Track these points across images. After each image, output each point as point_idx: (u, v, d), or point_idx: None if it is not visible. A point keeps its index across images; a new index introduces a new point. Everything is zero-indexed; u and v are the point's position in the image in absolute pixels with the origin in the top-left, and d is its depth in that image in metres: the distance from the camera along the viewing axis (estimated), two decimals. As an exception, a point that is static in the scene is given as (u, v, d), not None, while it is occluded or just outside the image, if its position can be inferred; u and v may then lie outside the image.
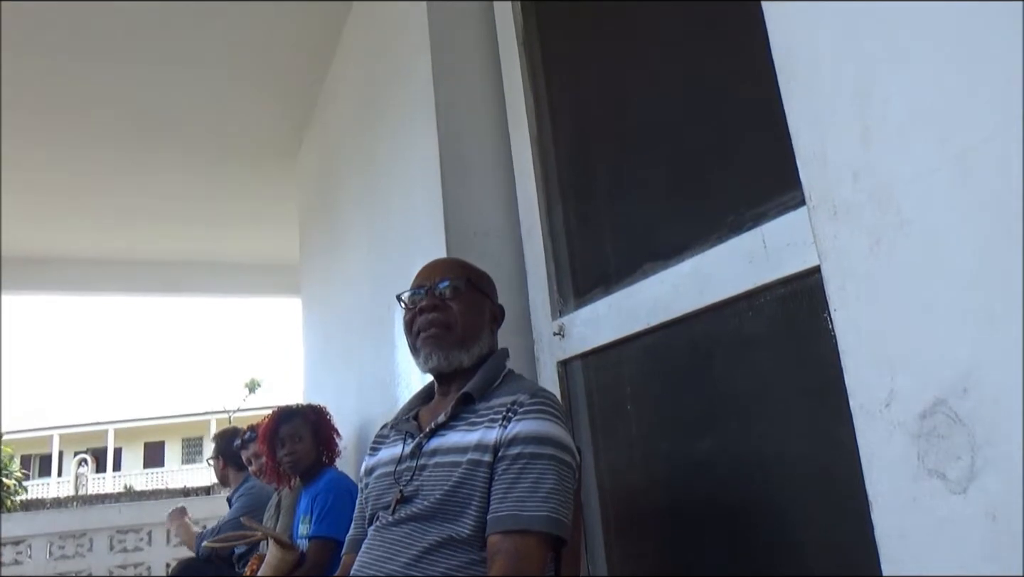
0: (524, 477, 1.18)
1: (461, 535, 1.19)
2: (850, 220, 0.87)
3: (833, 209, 0.89)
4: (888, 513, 0.80)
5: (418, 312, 1.39)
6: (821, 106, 0.91)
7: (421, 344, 1.38)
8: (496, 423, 1.24)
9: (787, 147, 1.00)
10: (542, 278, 1.92)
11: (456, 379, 1.38)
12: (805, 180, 0.94)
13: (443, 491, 1.22)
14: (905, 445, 0.78)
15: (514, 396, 1.28)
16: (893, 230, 0.82)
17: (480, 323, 1.42)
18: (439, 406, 1.39)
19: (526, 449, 1.19)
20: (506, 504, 1.17)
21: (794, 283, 1.16)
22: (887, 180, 0.83)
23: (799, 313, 1.18)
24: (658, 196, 1.59)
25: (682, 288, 1.41)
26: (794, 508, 1.22)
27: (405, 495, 1.27)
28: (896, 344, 0.81)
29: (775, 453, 1.26)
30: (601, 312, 1.68)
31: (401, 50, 2.40)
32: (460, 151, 2.07)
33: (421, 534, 1.22)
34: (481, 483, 1.21)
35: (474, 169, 2.07)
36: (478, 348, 1.39)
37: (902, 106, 0.81)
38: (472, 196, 2.05)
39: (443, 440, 1.30)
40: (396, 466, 1.33)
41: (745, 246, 1.25)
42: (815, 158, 0.93)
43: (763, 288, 1.22)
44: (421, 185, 2.15)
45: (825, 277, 0.90)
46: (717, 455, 1.38)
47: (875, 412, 0.82)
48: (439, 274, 1.43)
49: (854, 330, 0.85)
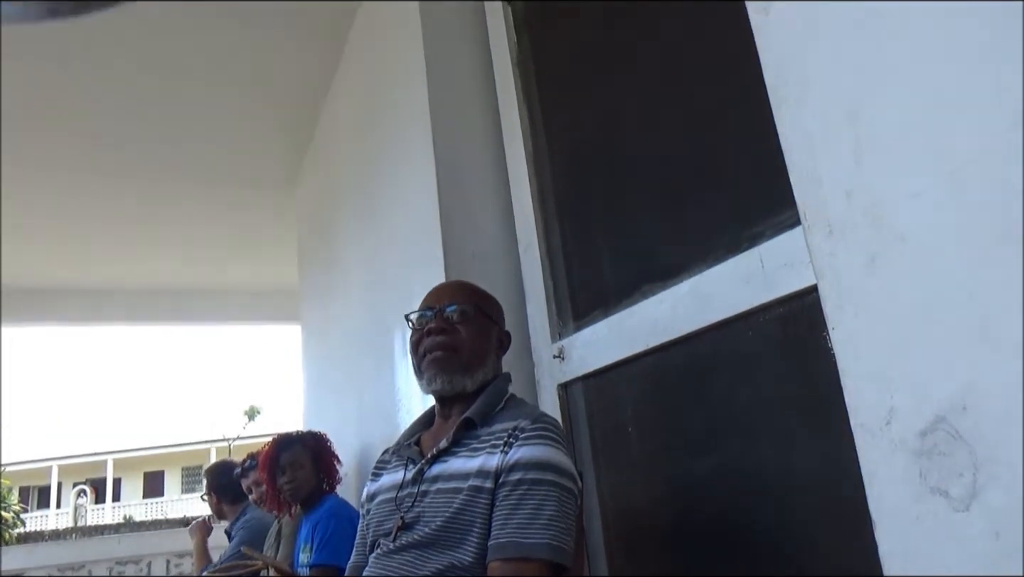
0: (525, 504, 1.17)
1: (463, 562, 1.18)
2: (845, 238, 0.87)
3: (828, 228, 0.89)
4: (891, 532, 0.80)
5: (425, 334, 1.39)
6: (813, 125, 0.92)
7: (426, 366, 1.38)
8: (497, 449, 1.24)
9: (783, 166, 1.01)
10: (541, 301, 1.93)
11: (458, 403, 1.38)
12: (799, 199, 0.94)
13: (444, 518, 1.22)
14: (907, 463, 0.78)
15: (516, 421, 1.27)
16: (888, 248, 0.82)
17: (486, 348, 1.42)
18: (440, 431, 1.39)
19: (527, 475, 1.19)
20: (507, 531, 1.16)
21: (792, 302, 1.17)
22: (881, 198, 0.84)
23: (798, 332, 1.18)
24: (655, 217, 1.60)
25: (681, 308, 1.41)
26: (797, 528, 1.21)
27: (406, 522, 1.26)
28: (895, 362, 0.81)
29: (776, 472, 1.25)
30: (601, 334, 1.68)
31: (397, 77, 2.43)
32: (457, 175, 2.08)
33: (422, 562, 1.21)
34: (482, 509, 1.20)
35: (471, 193, 2.08)
36: (482, 373, 1.39)
37: (894, 123, 0.82)
38: (470, 219, 2.06)
39: (445, 466, 1.29)
40: (398, 492, 1.33)
41: (743, 266, 1.25)
42: (808, 177, 0.93)
43: (761, 308, 1.22)
44: (419, 209, 2.16)
45: (822, 296, 0.90)
46: (719, 475, 1.37)
47: (876, 430, 0.81)
48: (448, 297, 1.43)
49: (852, 348, 0.85)
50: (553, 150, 2.00)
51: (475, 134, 2.15)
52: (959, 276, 0.75)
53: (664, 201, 1.57)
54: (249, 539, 3.12)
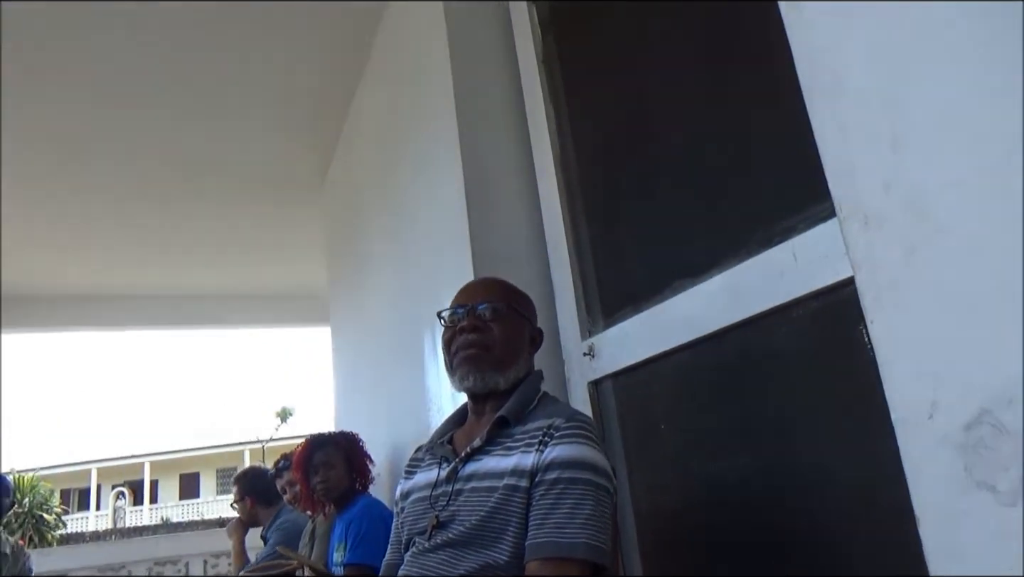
0: (562, 503, 1.16)
1: (499, 561, 1.18)
2: (883, 230, 0.85)
3: (864, 219, 0.87)
4: (936, 528, 0.78)
5: (457, 332, 1.38)
6: (848, 115, 0.90)
7: (458, 363, 1.37)
8: (532, 448, 1.23)
9: (815, 158, 0.99)
10: (570, 299, 1.92)
11: (491, 400, 1.38)
12: (835, 191, 0.93)
13: (479, 517, 1.21)
14: (951, 457, 0.76)
15: (550, 420, 1.27)
16: (928, 239, 0.80)
17: (519, 346, 1.41)
18: (474, 429, 1.39)
19: (563, 474, 1.18)
20: (544, 530, 1.16)
21: (827, 296, 1.14)
22: (919, 188, 0.82)
23: (833, 326, 1.16)
24: (685, 212, 1.58)
25: (713, 304, 1.39)
26: (836, 525, 1.19)
27: (441, 520, 1.26)
28: (937, 354, 0.79)
29: (812, 469, 1.23)
30: (631, 331, 1.67)
31: (422, 78, 2.43)
32: (484, 174, 2.08)
33: (458, 560, 1.21)
34: (518, 509, 1.20)
35: (498, 193, 2.08)
36: (515, 371, 1.38)
37: (933, 112, 0.80)
38: (497, 219, 2.05)
39: (479, 465, 1.29)
40: (432, 491, 1.33)
41: (776, 260, 1.23)
42: (844, 168, 0.92)
43: (795, 302, 1.20)
44: (446, 211, 2.16)
45: (859, 288, 0.89)
46: (754, 473, 1.36)
47: (918, 425, 0.80)
48: (480, 295, 1.42)
49: (892, 341, 0.84)
50: (580, 148, 1.99)
51: (501, 133, 2.15)
52: (1001, 266, 0.73)
53: (694, 196, 1.56)
54: (284, 540, 3.15)
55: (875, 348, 0.86)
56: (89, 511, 29.90)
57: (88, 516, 29.17)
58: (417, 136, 2.49)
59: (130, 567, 5.18)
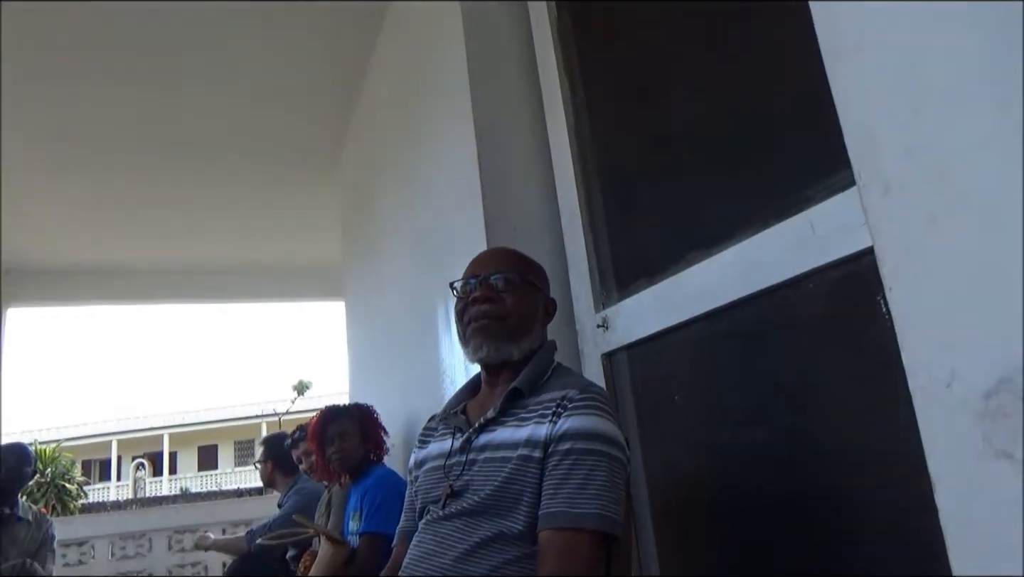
0: (575, 473, 1.17)
1: (512, 531, 1.19)
2: (903, 197, 0.84)
3: (885, 186, 0.86)
4: (953, 496, 0.77)
5: (470, 302, 1.38)
6: (869, 80, 0.88)
7: (471, 334, 1.37)
8: (546, 419, 1.23)
9: (833, 128, 0.98)
10: (584, 270, 1.91)
11: (504, 371, 1.38)
12: (854, 158, 0.91)
13: (493, 487, 1.22)
14: (969, 426, 0.75)
15: (564, 391, 1.27)
16: (949, 206, 0.79)
17: (532, 316, 1.40)
18: (487, 400, 1.39)
19: (576, 445, 1.18)
20: (556, 500, 1.16)
21: (845, 266, 1.13)
22: (941, 154, 0.80)
23: (850, 297, 1.14)
24: (700, 183, 1.57)
25: (728, 276, 1.38)
26: (852, 497, 1.19)
27: (455, 490, 1.27)
28: (956, 322, 0.78)
29: (830, 441, 1.22)
30: (645, 303, 1.66)
31: (436, 49, 2.41)
32: (497, 145, 2.06)
33: (472, 529, 1.22)
34: (532, 479, 1.20)
35: (512, 163, 2.07)
36: (528, 342, 1.38)
37: (955, 76, 0.78)
38: (511, 191, 2.04)
39: (493, 436, 1.29)
40: (446, 460, 1.33)
41: (792, 231, 1.22)
42: (864, 134, 0.90)
43: (813, 273, 1.19)
44: (459, 181, 2.15)
45: (878, 256, 0.87)
46: (769, 445, 1.35)
47: (936, 393, 0.79)
48: (493, 265, 1.41)
49: (911, 309, 0.82)
50: (595, 118, 1.97)
51: (515, 104, 2.13)
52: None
53: (709, 167, 1.54)
54: (300, 507, 3.20)
55: (894, 317, 0.85)
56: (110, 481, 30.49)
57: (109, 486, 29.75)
58: (431, 108, 2.47)
59: (150, 535, 5.28)
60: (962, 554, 0.77)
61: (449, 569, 1.20)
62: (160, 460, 31.44)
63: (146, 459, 29.27)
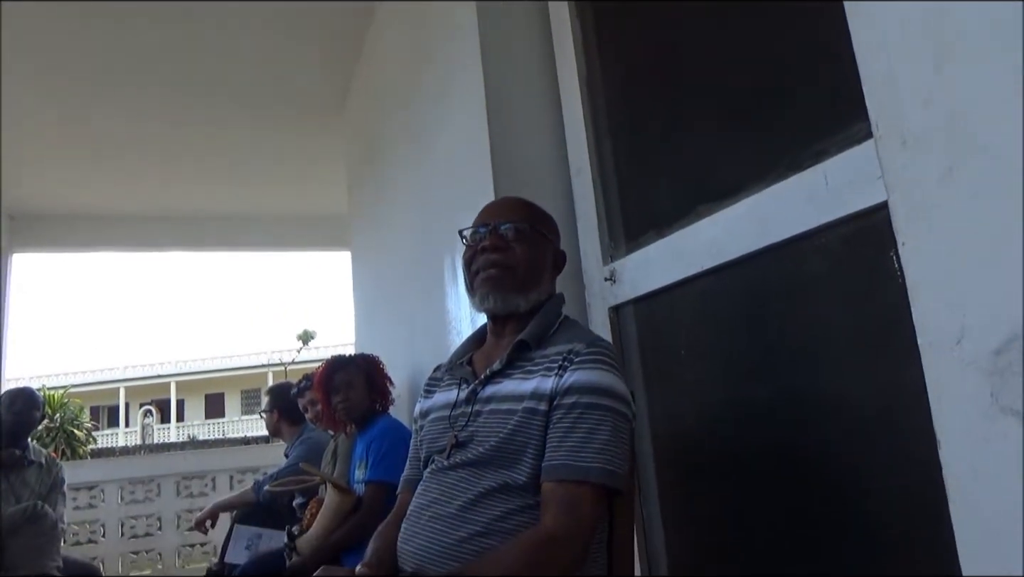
0: (579, 427, 1.18)
1: (517, 482, 1.20)
2: (920, 149, 0.83)
3: (902, 138, 0.85)
4: (958, 453, 0.78)
5: (479, 251, 1.37)
6: (890, 29, 0.86)
7: (479, 284, 1.36)
8: (552, 372, 1.24)
9: (850, 79, 0.96)
10: (592, 222, 1.90)
11: (511, 322, 1.38)
12: (872, 108, 0.90)
13: (498, 438, 1.23)
14: (978, 383, 0.75)
15: (570, 345, 1.27)
16: (967, 159, 0.78)
17: (541, 268, 1.40)
18: (493, 351, 1.39)
19: (582, 399, 1.19)
20: (560, 453, 1.17)
21: (858, 221, 1.12)
22: (961, 106, 0.79)
23: (863, 253, 1.14)
24: (713, 134, 1.55)
25: (739, 230, 1.37)
26: (856, 453, 1.20)
27: (460, 440, 1.28)
28: (969, 278, 0.77)
29: (836, 397, 1.23)
30: (654, 256, 1.65)
31: None
32: (507, 95, 2.04)
33: (476, 479, 1.23)
34: (536, 431, 1.21)
35: (521, 114, 2.04)
36: (536, 293, 1.37)
37: (979, 27, 0.77)
38: (520, 141, 2.02)
39: (498, 388, 1.30)
40: (451, 411, 1.35)
41: (805, 184, 1.21)
42: (883, 85, 0.88)
43: (825, 227, 1.18)
44: (468, 131, 2.13)
45: (892, 210, 0.87)
46: (775, 401, 1.36)
47: (945, 349, 0.79)
48: (503, 214, 1.40)
49: (923, 264, 0.82)
50: (607, 67, 1.94)
51: (525, 53, 2.09)
52: (1044, 188, 0.70)
53: (722, 118, 1.52)
54: (307, 456, 3.25)
55: (905, 272, 0.85)
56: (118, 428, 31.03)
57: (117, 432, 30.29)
58: (439, 55, 2.44)
59: (159, 480, 5.38)
60: (963, 510, 0.78)
61: (453, 517, 1.22)
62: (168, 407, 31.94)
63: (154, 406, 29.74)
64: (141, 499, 5.34)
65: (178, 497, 5.39)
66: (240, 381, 32.97)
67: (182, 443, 24.66)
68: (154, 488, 5.37)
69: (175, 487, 5.40)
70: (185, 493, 5.41)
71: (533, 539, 1.13)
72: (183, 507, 5.35)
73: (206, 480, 5.47)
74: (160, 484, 5.38)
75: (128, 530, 5.26)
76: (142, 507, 5.32)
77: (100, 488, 5.28)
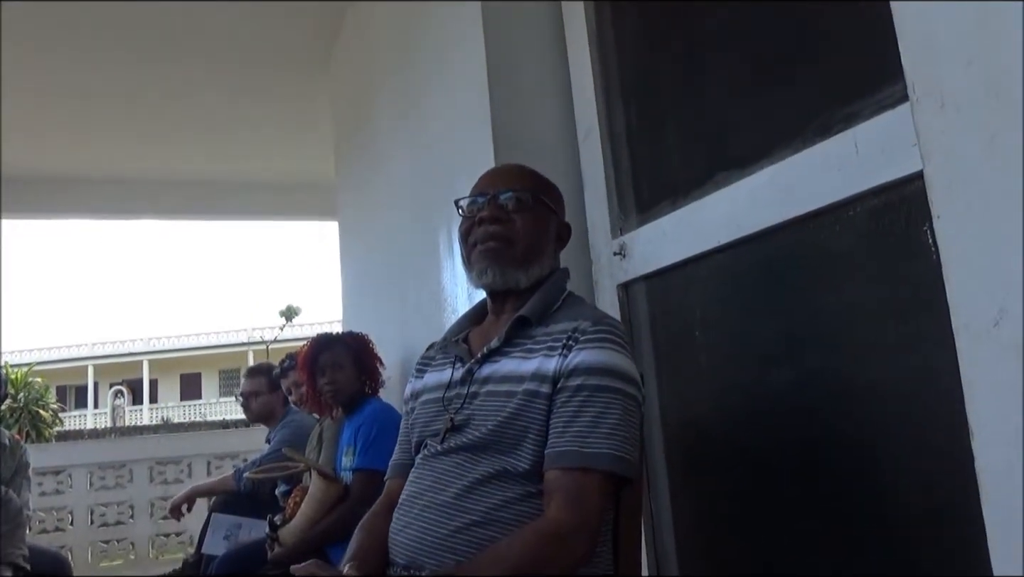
0: (586, 411, 1.18)
1: (517, 469, 1.21)
2: (961, 114, 0.82)
3: (941, 101, 0.84)
4: (992, 444, 0.78)
5: (477, 222, 1.37)
6: (931, -19, 0.85)
7: (476, 258, 1.36)
8: (555, 351, 1.24)
9: (885, 36, 0.95)
10: (601, 192, 1.90)
11: (511, 299, 1.38)
12: (909, 69, 0.89)
13: (497, 422, 1.24)
14: (1015, 369, 0.75)
15: (575, 322, 1.27)
16: (1011, 124, 0.77)
17: (544, 241, 1.40)
18: (492, 328, 1.39)
19: (588, 381, 1.19)
20: (565, 439, 1.18)
21: (890, 192, 1.12)
22: (1007, 67, 0.78)
23: (895, 227, 1.14)
24: (734, 95, 1.54)
25: (760, 200, 1.37)
26: (882, 444, 1.20)
27: (455, 423, 1.29)
28: (1009, 256, 0.77)
29: (862, 383, 1.23)
30: (667, 228, 1.65)
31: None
32: (509, 52, 2.02)
33: (472, 465, 1.24)
34: (538, 415, 1.22)
35: (525, 72, 2.03)
36: (538, 268, 1.37)
37: (1029, -22, 0.76)
38: (522, 102, 2.01)
39: (497, 367, 1.30)
40: (445, 392, 1.35)
41: (834, 151, 1.20)
42: (922, 44, 0.88)
43: (854, 199, 1.18)
44: (466, 90, 2.12)
45: (928, 180, 0.86)
46: (797, 388, 1.37)
47: (981, 332, 0.79)
48: (504, 182, 1.40)
49: (960, 239, 0.82)
50: (618, 21, 1.92)
51: (529, 4, 2.07)
52: (1095, 158, 0.70)
53: (744, 77, 1.51)
54: (290, 440, 3.26)
55: (940, 248, 0.85)
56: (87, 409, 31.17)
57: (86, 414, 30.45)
58: (435, 11, 2.41)
59: (131, 465, 5.42)
60: (996, 506, 0.79)
61: (448, 506, 1.22)
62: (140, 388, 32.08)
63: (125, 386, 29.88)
64: (112, 485, 5.38)
65: (151, 484, 5.43)
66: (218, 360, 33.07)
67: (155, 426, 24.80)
68: (125, 474, 5.41)
69: (148, 473, 5.43)
70: (159, 479, 5.44)
71: (537, 533, 1.14)
72: (156, 494, 5.39)
73: (181, 466, 5.50)
74: (132, 470, 5.42)
75: (98, 518, 5.30)
76: (113, 494, 5.36)
77: (68, 473, 5.32)
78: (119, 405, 27.46)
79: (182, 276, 44.02)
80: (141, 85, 4.46)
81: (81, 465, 5.37)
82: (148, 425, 25.96)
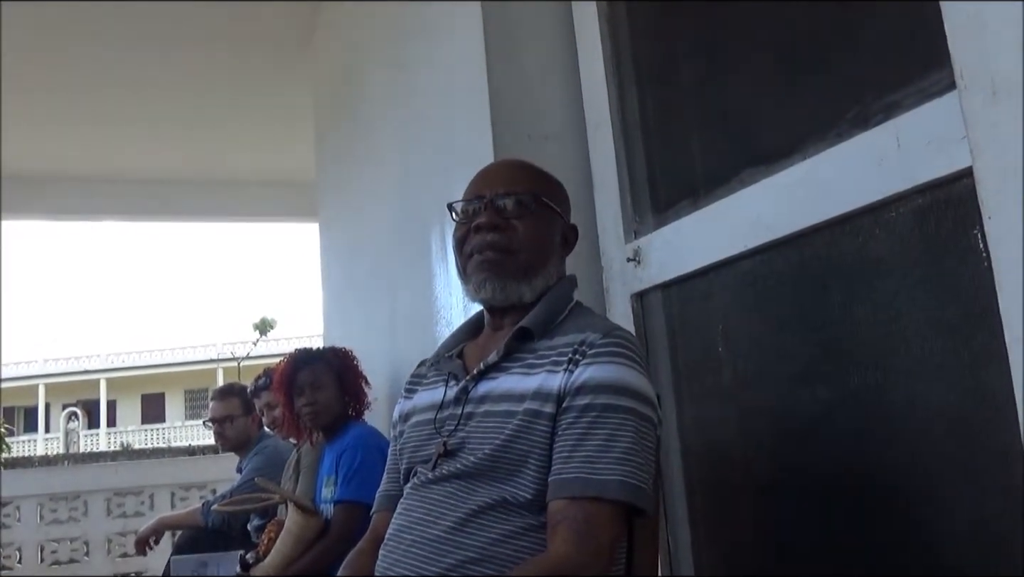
0: (594, 433, 1.18)
1: (518, 499, 1.21)
2: (1014, 104, 0.83)
3: (992, 90, 0.85)
4: (1050, 472, 0.78)
5: (473, 229, 1.37)
6: (980, -44, 0.86)
7: (474, 269, 1.36)
8: (560, 367, 1.24)
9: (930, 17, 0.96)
10: (613, 191, 1.90)
11: (512, 313, 1.37)
12: (956, 55, 0.90)
13: (494, 445, 1.24)
14: (1075, 387, 0.75)
15: (583, 335, 1.27)
16: (1071, 116, 0.78)
17: (548, 249, 1.40)
18: (490, 342, 1.40)
19: (597, 400, 1.20)
20: (572, 465, 1.18)
21: (936, 191, 1.13)
22: (1065, 51, 0.79)
23: (941, 229, 1.14)
24: (761, 82, 1.55)
25: (791, 200, 1.38)
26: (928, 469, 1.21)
27: (449, 448, 1.29)
28: (1069, 261, 0.77)
29: (905, 403, 1.24)
30: (687, 231, 1.66)
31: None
32: (510, 35, 2.03)
33: (468, 494, 1.24)
34: (541, 438, 1.22)
35: (528, 58, 2.04)
36: (543, 279, 1.37)
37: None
38: (525, 91, 2.02)
39: (495, 384, 1.31)
40: (437, 413, 1.35)
41: (873, 144, 1.21)
42: (971, 26, 0.89)
43: (895, 198, 1.19)
44: (462, 78, 2.13)
45: (978, 177, 0.87)
46: (832, 408, 1.37)
47: (1038, 347, 0.79)
48: (502, 183, 1.39)
49: (1013, 244, 0.82)
50: (633, 4, 1.93)
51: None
52: None
53: (773, 63, 1.52)
54: (264, 469, 3.26)
55: (991, 253, 0.85)
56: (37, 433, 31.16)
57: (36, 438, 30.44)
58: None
59: (85, 497, 5.41)
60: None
61: (441, 540, 1.22)
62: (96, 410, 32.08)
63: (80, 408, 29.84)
64: (64, 519, 5.38)
65: (109, 517, 5.42)
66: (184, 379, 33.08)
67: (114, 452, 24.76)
68: (80, 506, 5.41)
69: (105, 505, 5.43)
70: (117, 512, 5.44)
71: (540, 569, 1.14)
72: (115, 529, 5.39)
73: (143, 497, 5.50)
74: (87, 501, 5.42)
75: (49, 555, 5.31)
76: (65, 528, 5.36)
77: (15, 505, 5.33)
78: (73, 429, 27.41)
79: (144, 285, 44.01)
80: (103, 73, 4.47)
81: (30, 496, 5.38)
82: (106, 451, 25.92)
